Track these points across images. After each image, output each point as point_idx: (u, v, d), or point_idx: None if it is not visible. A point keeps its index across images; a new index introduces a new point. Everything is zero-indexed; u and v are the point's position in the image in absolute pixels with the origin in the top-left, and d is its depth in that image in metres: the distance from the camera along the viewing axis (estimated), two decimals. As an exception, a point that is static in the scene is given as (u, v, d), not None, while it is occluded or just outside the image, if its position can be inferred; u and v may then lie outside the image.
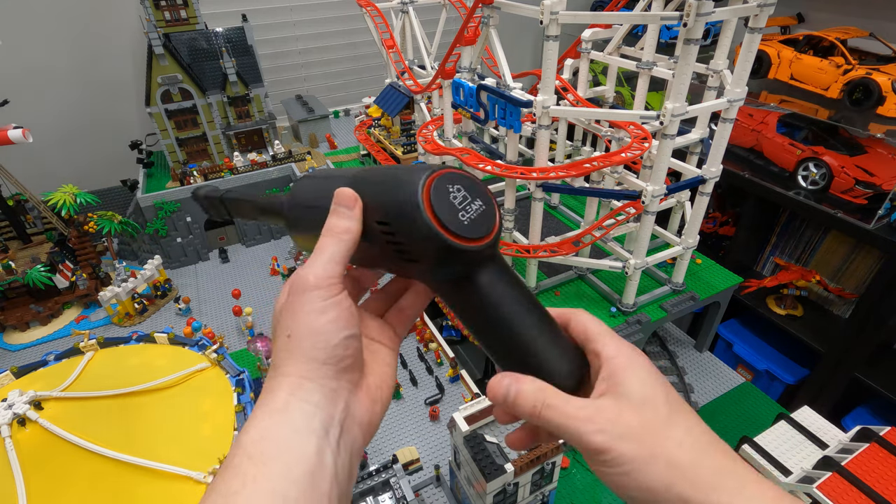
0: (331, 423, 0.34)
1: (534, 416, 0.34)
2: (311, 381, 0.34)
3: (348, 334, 0.35)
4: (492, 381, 0.36)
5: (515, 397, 0.35)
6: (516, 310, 0.36)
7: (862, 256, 1.79)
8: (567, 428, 0.33)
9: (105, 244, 1.89)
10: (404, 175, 0.34)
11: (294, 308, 0.35)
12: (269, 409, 0.33)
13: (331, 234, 0.36)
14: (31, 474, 0.89)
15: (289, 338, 0.35)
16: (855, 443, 0.90)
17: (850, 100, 1.72)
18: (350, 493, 0.36)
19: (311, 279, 0.35)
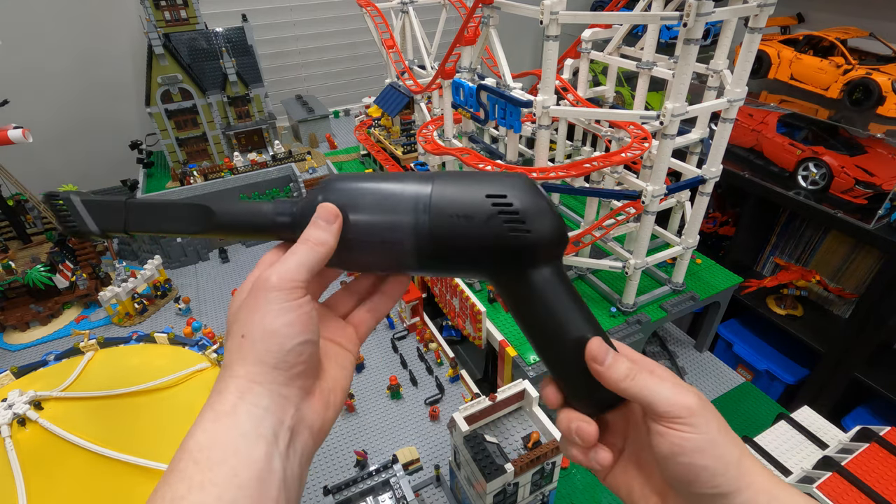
0: (280, 428, 0.33)
1: (627, 379, 0.36)
2: (260, 385, 0.33)
3: (303, 340, 0.34)
4: (594, 341, 0.37)
5: (614, 361, 0.37)
6: (579, 306, 0.39)
7: (862, 256, 1.79)
8: (659, 391, 0.35)
9: (105, 244, 1.89)
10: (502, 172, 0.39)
11: (251, 307, 0.34)
12: (216, 412, 0.32)
13: (306, 242, 0.36)
14: (31, 474, 0.89)
15: (242, 338, 0.34)
16: (855, 443, 0.90)
17: (850, 100, 1.72)
18: (299, 499, 0.35)
19: (273, 280, 0.34)
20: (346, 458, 1.22)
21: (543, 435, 0.97)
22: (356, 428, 1.30)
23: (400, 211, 0.37)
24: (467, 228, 0.36)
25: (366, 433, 1.28)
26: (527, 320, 0.39)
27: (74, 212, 0.39)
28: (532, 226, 0.36)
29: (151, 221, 0.40)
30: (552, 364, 0.40)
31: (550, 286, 0.38)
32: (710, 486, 0.34)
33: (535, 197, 0.37)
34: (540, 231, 0.36)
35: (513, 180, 0.37)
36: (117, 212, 0.39)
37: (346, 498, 1.00)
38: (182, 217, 0.40)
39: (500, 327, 1.31)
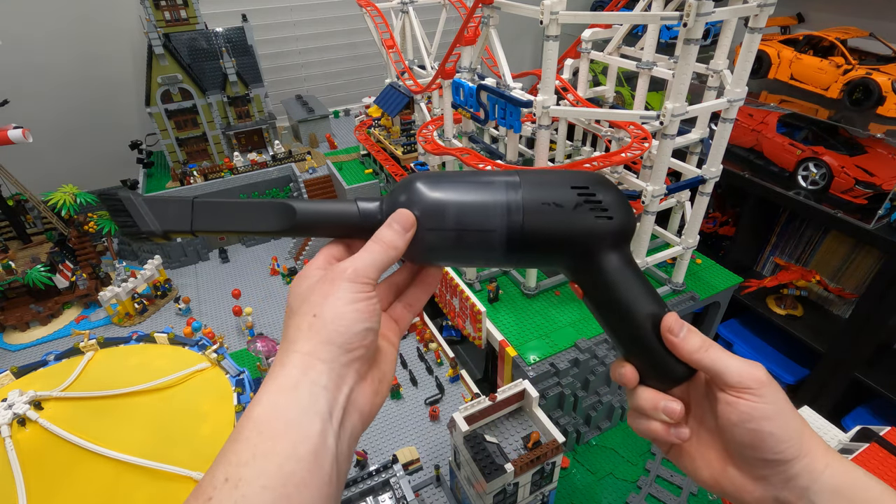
0: (335, 406, 0.35)
1: (700, 350, 0.39)
2: (323, 362, 0.35)
3: (368, 326, 0.37)
4: (669, 316, 0.40)
5: (688, 334, 0.40)
6: (649, 287, 0.43)
7: (862, 256, 1.79)
8: (730, 364, 0.38)
9: (105, 244, 1.89)
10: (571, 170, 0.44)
11: (325, 292, 0.37)
12: (279, 385, 0.35)
13: (381, 243, 0.39)
14: (31, 474, 0.89)
15: (314, 317, 0.37)
16: (855, 443, 0.90)
17: (850, 100, 1.72)
18: (345, 476, 0.37)
19: (349, 272, 0.38)
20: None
21: (543, 435, 0.97)
22: (356, 428, 1.30)
23: (493, 202, 0.40)
24: (558, 215, 0.40)
25: (366, 433, 1.28)
26: (604, 302, 0.42)
27: (136, 212, 0.37)
28: (614, 213, 0.40)
29: (221, 221, 0.39)
30: (629, 342, 0.42)
31: (625, 268, 0.41)
32: (774, 452, 0.37)
33: (613, 188, 0.41)
34: (620, 218, 0.40)
35: (589, 175, 0.42)
36: (183, 211, 0.38)
37: (346, 498, 1.00)
38: (258, 216, 0.40)
39: (500, 327, 1.31)
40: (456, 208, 0.40)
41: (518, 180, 0.41)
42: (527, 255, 0.42)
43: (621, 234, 0.41)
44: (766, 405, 0.37)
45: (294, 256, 1.97)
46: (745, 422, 0.37)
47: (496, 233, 0.40)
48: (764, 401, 0.37)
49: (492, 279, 1.48)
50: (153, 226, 0.37)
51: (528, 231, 0.40)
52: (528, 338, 1.29)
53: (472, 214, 0.40)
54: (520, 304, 1.41)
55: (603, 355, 1.25)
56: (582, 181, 0.41)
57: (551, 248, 0.42)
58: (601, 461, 1.24)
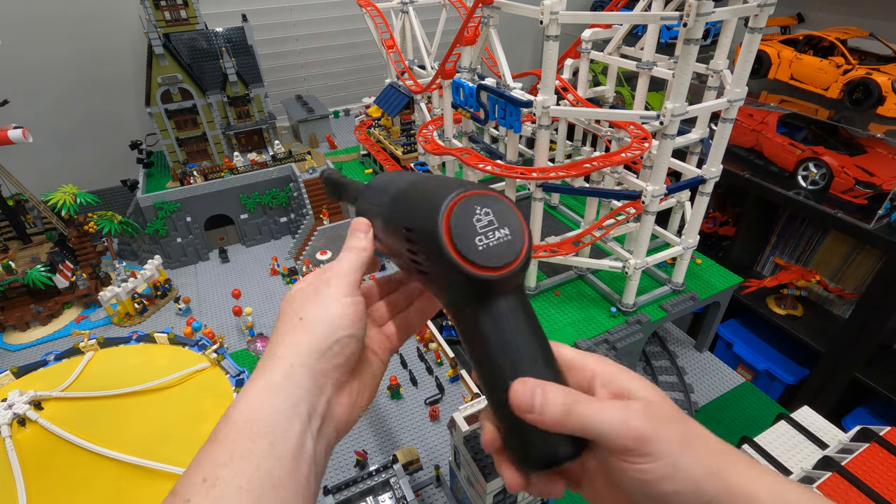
0: (314, 412, 0.36)
1: (564, 417, 0.32)
2: (304, 367, 0.36)
3: (350, 333, 0.38)
4: (516, 386, 0.33)
5: (544, 399, 0.32)
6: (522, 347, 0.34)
7: (862, 256, 1.79)
8: (604, 421, 0.31)
9: (105, 244, 1.89)
10: (439, 188, 0.34)
11: (311, 296, 0.39)
12: (259, 388, 0.35)
13: (351, 250, 0.43)
14: (31, 474, 0.89)
15: (301, 320, 0.37)
16: (855, 443, 0.90)
17: (850, 100, 1.72)
18: (321, 480, 0.37)
19: (332, 279, 0.40)
20: (346, 458, 1.22)
21: (543, 435, 0.97)
22: (356, 428, 1.30)
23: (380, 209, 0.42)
24: (397, 249, 0.38)
25: (366, 433, 1.28)
26: (469, 356, 0.37)
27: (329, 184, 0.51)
28: (428, 267, 0.34)
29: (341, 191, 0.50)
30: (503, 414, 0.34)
31: (479, 327, 0.34)
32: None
33: (433, 235, 0.32)
34: (437, 274, 0.33)
35: (428, 209, 0.33)
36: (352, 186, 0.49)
37: (346, 498, 1.00)
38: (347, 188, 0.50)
39: (500, 327, 1.31)
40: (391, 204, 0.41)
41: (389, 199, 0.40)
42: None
43: (448, 289, 0.35)
44: (657, 465, 0.30)
45: (294, 256, 1.96)
46: (640, 488, 0.31)
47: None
48: (652, 459, 0.30)
49: (492, 279, 1.48)
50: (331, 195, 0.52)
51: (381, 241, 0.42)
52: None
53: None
54: (520, 304, 1.41)
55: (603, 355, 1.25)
56: (415, 221, 0.34)
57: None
58: (601, 461, 1.24)
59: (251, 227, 2.06)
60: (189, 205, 1.91)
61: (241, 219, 2.03)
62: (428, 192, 0.35)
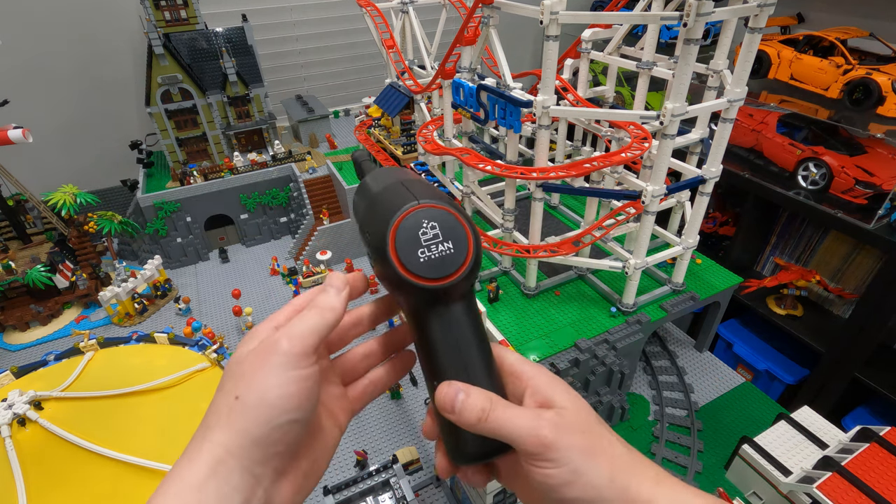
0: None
1: (480, 421, 0.34)
2: (236, 459, 0.32)
3: (293, 418, 0.33)
4: (441, 388, 0.35)
5: (464, 402, 0.34)
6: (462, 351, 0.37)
7: (862, 256, 1.79)
8: (515, 428, 0.33)
9: (105, 244, 1.89)
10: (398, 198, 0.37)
11: (254, 367, 0.33)
12: (185, 485, 0.31)
13: (316, 308, 0.36)
14: (31, 474, 0.89)
15: (237, 399, 0.33)
16: (855, 443, 0.90)
17: (850, 100, 1.72)
18: None
19: (284, 344, 0.33)
20: (346, 458, 1.22)
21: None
22: (356, 428, 1.30)
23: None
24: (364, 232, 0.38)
25: (366, 433, 1.28)
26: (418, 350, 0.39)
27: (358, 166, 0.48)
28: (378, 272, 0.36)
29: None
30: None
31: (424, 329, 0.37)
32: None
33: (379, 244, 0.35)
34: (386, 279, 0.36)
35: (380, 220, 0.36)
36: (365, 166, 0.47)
37: (346, 498, 1.00)
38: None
39: (500, 327, 1.31)
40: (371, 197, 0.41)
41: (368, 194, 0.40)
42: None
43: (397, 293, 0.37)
44: (559, 470, 0.32)
45: (294, 256, 1.97)
46: (546, 490, 0.33)
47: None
48: (555, 465, 0.33)
49: (492, 279, 1.48)
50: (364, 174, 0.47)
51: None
52: (528, 338, 1.29)
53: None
54: (520, 304, 1.41)
55: (603, 355, 1.25)
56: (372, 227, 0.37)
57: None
58: (601, 461, 1.24)
59: (251, 227, 2.06)
60: (189, 205, 1.91)
61: (241, 219, 2.03)
62: (387, 201, 0.37)
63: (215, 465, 0.31)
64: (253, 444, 0.32)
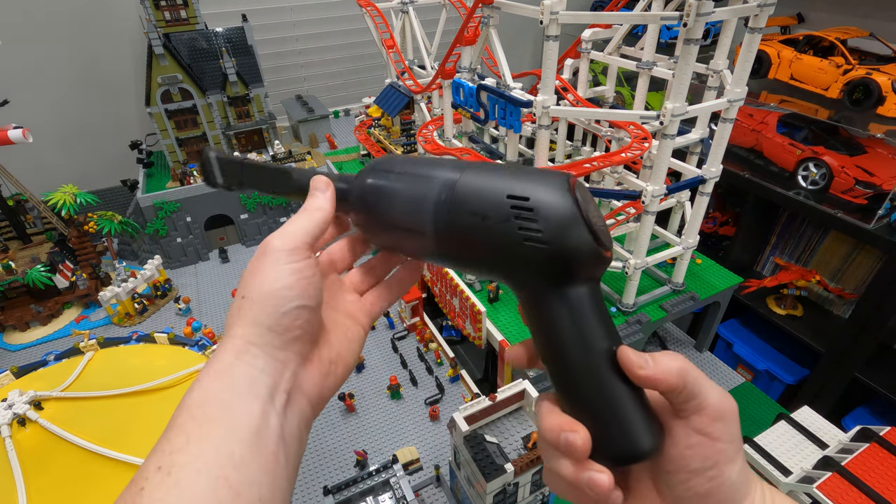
0: (276, 389, 0.34)
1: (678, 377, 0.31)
2: (256, 346, 0.34)
3: (299, 304, 0.35)
4: (624, 349, 0.33)
5: (654, 358, 0.32)
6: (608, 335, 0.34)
7: (862, 256, 1.79)
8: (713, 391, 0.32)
9: (105, 244, 1.89)
10: (543, 170, 0.34)
11: (254, 270, 0.35)
12: (213, 371, 0.33)
13: (305, 210, 0.38)
14: (31, 474, 0.89)
15: (243, 298, 0.35)
16: (855, 443, 0.90)
17: (850, 100, 1.72)
18: (299, 458, 0.36)
19: (276, 242, 0.36)
20: (346, 458, 1.22)
21: (543, 435, 0.97)
22: (356, 428, 1.30)
23: (424, 198, 0.36)
24: (480, 228, 0.33)
25: (366, 433, 1.28)
26: (545, 343, 0.35)
27: (210, 166, 0.40)
28: (550, 238, 0.31)
29: (258, 180, 0.41)
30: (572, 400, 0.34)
31: (573, 310, 0.33)
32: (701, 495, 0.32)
33: (564, 205, 0.31)
34: (559, 246, 0.31)
35: (546, 182, 0.33)
36: (238, 169, 0.41)
37: (346, 498, 1.00)
38: (273, 179, 0.42)
39: (500, 327, 1.31)
40: (389, 195, 0.38)
41: (462, 172, 0.35)
42: (458, 264, 0.38)
43: (564, 265, 0.32)
44: (730, 445, 0.32)
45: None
46: (707, 468, 0.31)
47: (424, 233, 0.36)
48: (728, 440, 0.31)
49: (492, 279, 1.48)
50: (219, 178, 0.40)
51: (453, 240, 0.35)
52: (528, 338, 1.29)
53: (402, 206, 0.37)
54: (520, 304, 1.41)
55: (603, 355, 1.25)
56: (525, 188, 0.32)
57: (479, 265, 0.36)
58: (601, 461, 1.24)
59: (251, 227, 2.06)
60: (189, 205, 1.91)
61: (241, 219, 2.03)
62: (531, 170, 0.35)
63: (238, 352, 0.33)
64: (268, 331, 0.34)
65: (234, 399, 0.32)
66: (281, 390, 0.34)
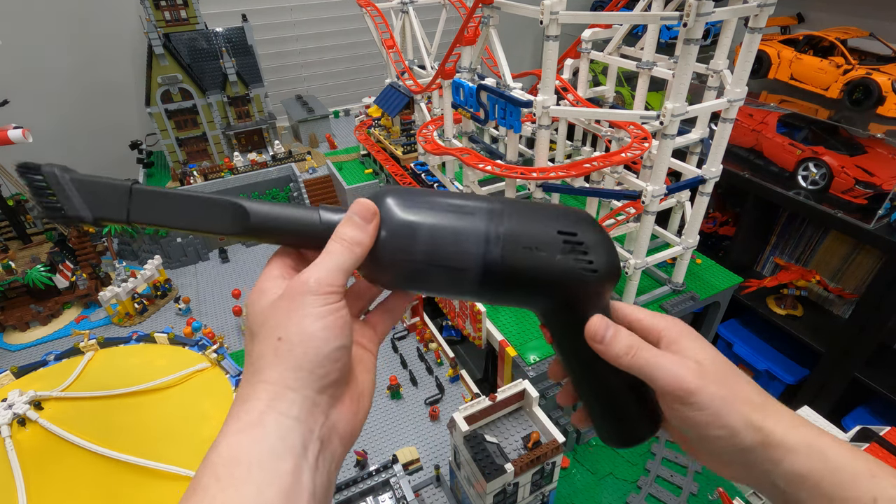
0: (310, 438, 0.32)
1: (626, 356, 0.37)
2: (294, 391, 0.32)
3: (339, 345, 0.34)
4: (593, 320, 0.38)
5: (614, 335, 0.37)
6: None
7: (862, 256, 1.79)
8: (659, 369, 0.36)
9: (105, 244, 1.89)
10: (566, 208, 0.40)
11: (288, 310, 0.33)
12: (242, 423, 0.31)
13: (342, 242, 0.35)
14: (31, 474, 0.89)
15: (279, 340, 0.33)
16: (855, 443, 0.90)
17: (850, 100, 1.72)
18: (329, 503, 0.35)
19: (312, 283, 0.34)
20: (347, 458, 1.22)
21: (543, 435, 0.97)
22: (356, 428, 1.30)
23: (470, 233, 0.36)
24: (539, 261, 0.37)
25: (366, 433, 1.28)
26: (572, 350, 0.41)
27: (62, 192, 0.32)
28: (598, 264, 0.38)
29: (163, 214, 0.35)
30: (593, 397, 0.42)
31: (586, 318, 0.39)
32: (723, 448, 0.36)
33: (605, 238, 0.39)
34: (604, 270, 0.38)
35: (581, 219, 0.38)
36: (119, 197, 0.34)
37: (346, 498, 1.00)
38: (206, 214, 0.36)
39: (500, 327, 1.31)
40: (429, 233, 0.36)
41: (501, 211, 0.37)
42: (500, 295, 0.39)
43: (602, 284, 0.39)
44: (699, 413, 0.36)
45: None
46: (686, 429, 0.37)
47: (469, 269, 0.36)
48: (695, 408, 0.36)
49: (492, 279, 1.48)
50: (82, 211, 0.32)
51: (505, 272, 0.37)
52: (528, 338, 1.29)
53: (446, 243, 0.36)
54: (520, 304, 1.41)
55: (603, 355, 1.25)
56: (570, 225, 0.38)
57: (527, 292, 0.39)
58: (601, 461, 1.24)
59: (251, 227, 2.06)
60: (189, 205, 1.91)
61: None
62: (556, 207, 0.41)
63: (272, 399, 0.31)
64: (310, 374, 0.32)
65: (265, 456, 0.30)
66: (315, 437, 0.32)
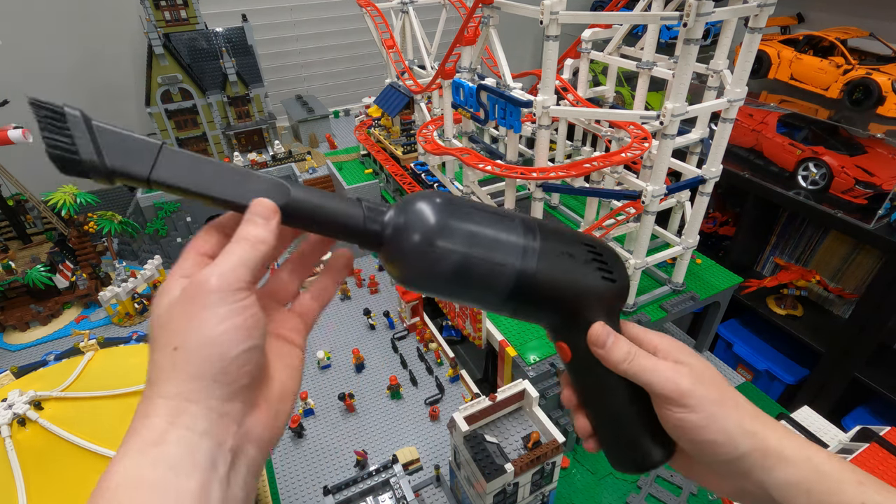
0: (219, 451, 0.29)
1: (625, 362, 0.39)
2: (195, 403, 0.29)
3: (248, 347, 0.30)
4: (595, 327, 0.40)
5: (614, 343, 0.39)
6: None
7: (862, 256, 1.79)
8: (655, 373, 0.38)
9: (105, 244, 1.89)
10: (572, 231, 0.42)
11: (187, 314, 0.30)
12: (140, 443, 0.28)
13: (244, 240, 0.32)
14: (31, 474, 0.89)
15: (175, 350, 0.29)
16: (855, 443, 0.90)
17: (850, 100, 1.72)
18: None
19: (213, 281, 0.30)
20: (346, 458, 1.22)
21: (543, 435, 0.97)
22: (356, 428, 1.30)
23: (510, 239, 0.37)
24: (570, 267, 0.39)
25: (366, 433, 1.28)
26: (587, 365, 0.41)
27: (81, 133, 0.28)
28: (617, 276, 0.40)
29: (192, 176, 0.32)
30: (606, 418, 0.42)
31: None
32: (717, 455, 0.37)
33: (615, 254, 0.42)
34: (621, 281, 0.41)
35: (593, 237, 0.42)
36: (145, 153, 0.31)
37: (346, 498, 1.00)
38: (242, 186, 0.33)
39: (500, 327, 1.31)
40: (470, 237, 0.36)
41: (535, 223, 0.39)
42: (525, 303, 0.39)
43: (618, 297, 0.41)
44: (694, 416, 0.37)
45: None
46: (679, 434, 0.38)
47: (505, 275, 0.36)
48: (690, 411, 0.37)
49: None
50: (97, 157, 0.29)
51: (540, 277, 0.37)
52: (528, 338, 1.29)
53: (486, 247, 0.36)
54: (520, 304, 1.41)
55: (603, 355, 1.25)
56: (589, 240, 0.41)
57: (555, 299, 0.39)
58: (601, 461, 1.24)
59: (251, 227, 2.06)
60: (189, 205, 1.91)
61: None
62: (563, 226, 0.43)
63: (173, 415, 0.28)
64: (213, 383, 0.29)
65: (167, 477, 0.27)
66: (225, 450, 0.30)
